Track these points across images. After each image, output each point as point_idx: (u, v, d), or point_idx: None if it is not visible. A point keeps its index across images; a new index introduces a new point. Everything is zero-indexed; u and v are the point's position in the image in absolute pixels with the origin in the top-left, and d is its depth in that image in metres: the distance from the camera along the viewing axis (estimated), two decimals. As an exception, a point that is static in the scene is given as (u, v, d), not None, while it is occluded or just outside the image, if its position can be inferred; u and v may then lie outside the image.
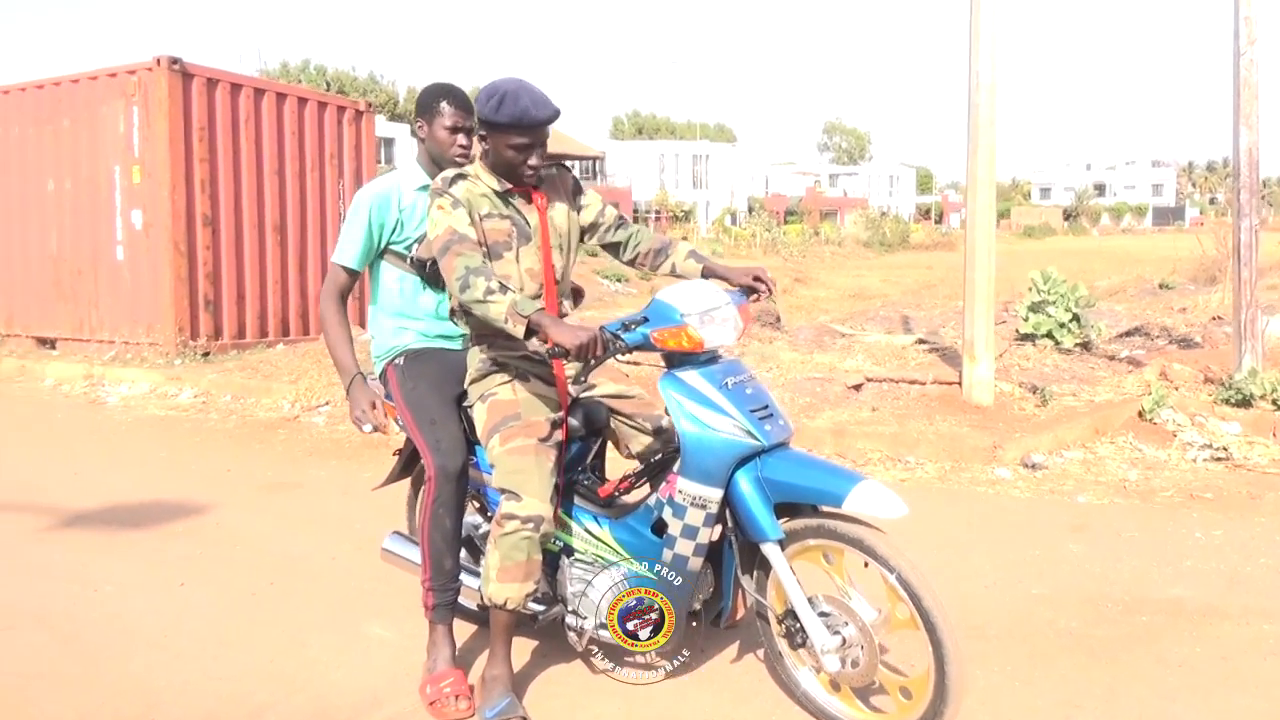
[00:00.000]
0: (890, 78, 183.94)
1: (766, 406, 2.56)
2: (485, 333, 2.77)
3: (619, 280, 19.47)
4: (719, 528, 2.62)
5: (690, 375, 2.55)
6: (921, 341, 8.66)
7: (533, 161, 2.65)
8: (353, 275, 3.03)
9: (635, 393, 2.98)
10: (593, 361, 2.49)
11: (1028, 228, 60.37)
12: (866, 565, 2.45)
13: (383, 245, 3.05)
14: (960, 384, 6.27)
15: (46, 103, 10.04)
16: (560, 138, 32.93)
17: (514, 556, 2.61)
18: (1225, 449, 5.47)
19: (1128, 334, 9.52)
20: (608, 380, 2.98)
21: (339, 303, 3.03)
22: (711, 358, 2.62)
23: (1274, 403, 5.88)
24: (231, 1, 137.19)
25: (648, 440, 2.91)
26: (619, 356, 2.55)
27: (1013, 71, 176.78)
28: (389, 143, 45.52)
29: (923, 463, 5.44)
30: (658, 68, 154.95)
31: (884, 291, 19.73)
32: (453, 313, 2.86)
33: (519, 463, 2.64)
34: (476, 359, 2.83)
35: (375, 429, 2.96)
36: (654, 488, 2.73)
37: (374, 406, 2.97)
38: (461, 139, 3.00)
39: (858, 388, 6.48)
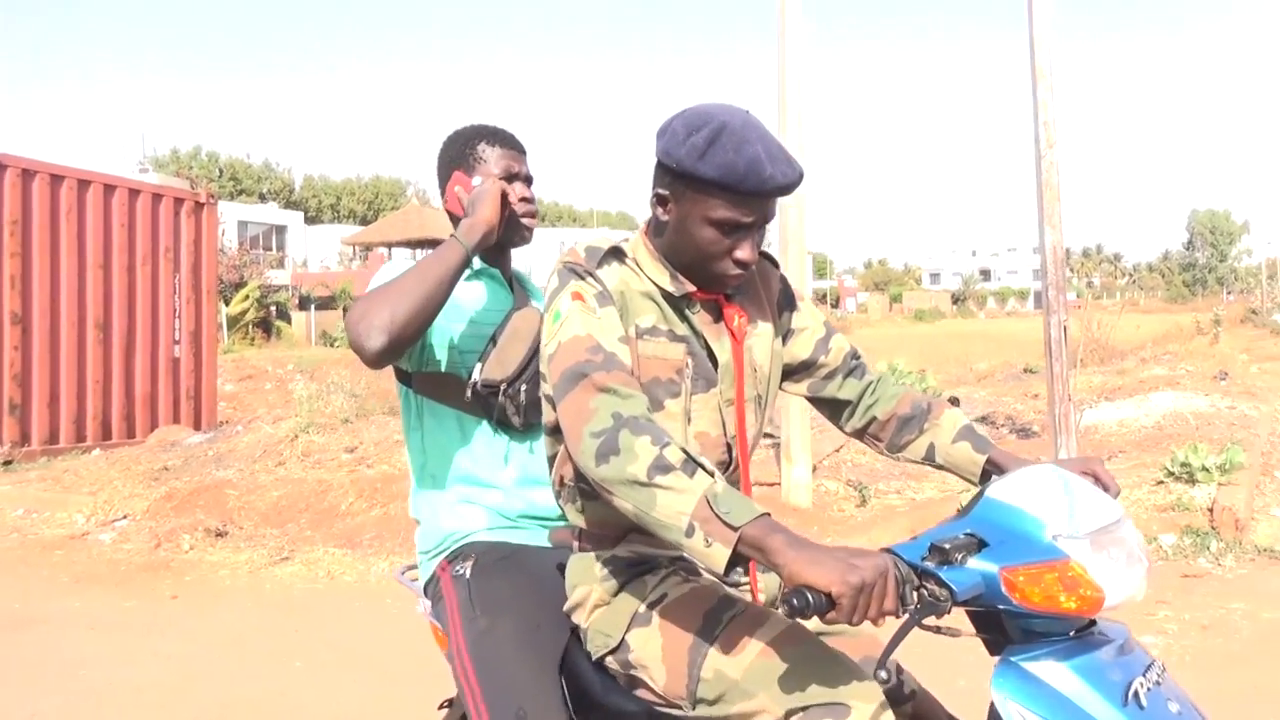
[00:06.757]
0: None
1: None
2: (611, 527, 1.57)
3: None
4: None
5: (1057, 672, 1.29)
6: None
7: (743, 254, 1.53)
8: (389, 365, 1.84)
9: (855, 632, 1.59)
10: (877, 623, 1.28)
11: (918, 311, 62.50)
12: None
13: (425, 360, 1.89)
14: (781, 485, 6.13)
15: None
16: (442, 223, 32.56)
17: None
18: (1035, 549, 5.40)
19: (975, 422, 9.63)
20: None
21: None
22: (1086, 630, 1.36)
23: None
24: (118, 90, 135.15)
25: None
26: (929, 619, 1.31)
27: (906, 160, 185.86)
28: (281, 230, 44.82)
29: (732, 572, 5.22)
30: (559, 157, 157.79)
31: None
32: (561, 490, 1.65)
33: (801, 652, 1.43)
34: (586, 572, 1.60)
35: None
36: None
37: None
38: (521, 189, 1.99)
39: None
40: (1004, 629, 1.34)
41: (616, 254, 1.59)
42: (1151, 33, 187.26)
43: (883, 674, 1.31)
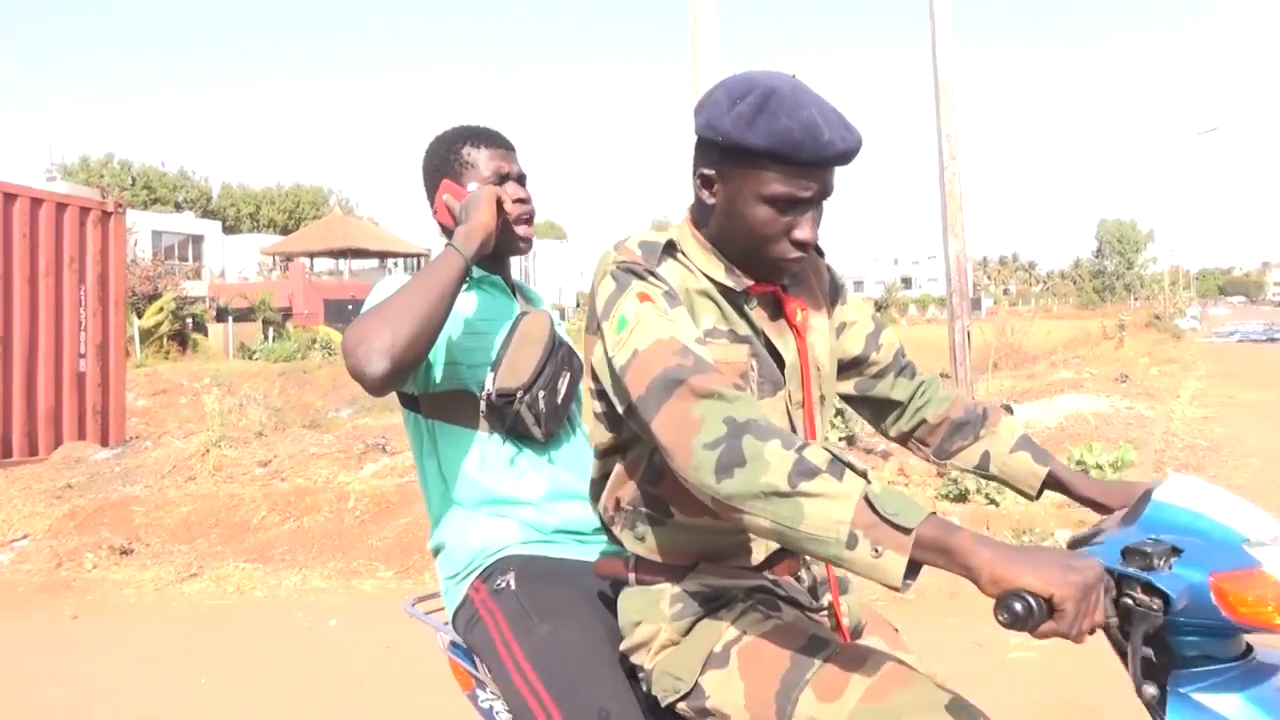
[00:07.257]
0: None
1: None
2: (683, 556, 1.42)
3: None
4: None
5: (1233, 705, 1.15)
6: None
7: (802, 234, 1.37)
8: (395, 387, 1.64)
9: (909, 659, 1.46)
10: (1080, 639, 1.09)
11: (842, 319, 63.69)
12: None
13: (431, 380, 1.74)
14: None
15: None
16: (375, 233, 32.10)
17: None
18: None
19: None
20: (874, 635, 1.53)
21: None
22: (1245, 657, 1.21)
23: (987, 497, 6.09)
24: (24, 96, 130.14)
25: None
26: (1142, 631, 1.14)
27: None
28: (197, 240, 43.68)
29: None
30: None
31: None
32: (615, 518, 1.47)
33: (911, 697, 1.24)
34: (650, 608, 1.42)
35: None
36: None
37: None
38: (514, 189, 1.84)
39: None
40: (1172, 649, 1.18)
41: (671, 249, 1.41)
42: (1060, 45, 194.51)
43: (1151, 690, 1.15)
